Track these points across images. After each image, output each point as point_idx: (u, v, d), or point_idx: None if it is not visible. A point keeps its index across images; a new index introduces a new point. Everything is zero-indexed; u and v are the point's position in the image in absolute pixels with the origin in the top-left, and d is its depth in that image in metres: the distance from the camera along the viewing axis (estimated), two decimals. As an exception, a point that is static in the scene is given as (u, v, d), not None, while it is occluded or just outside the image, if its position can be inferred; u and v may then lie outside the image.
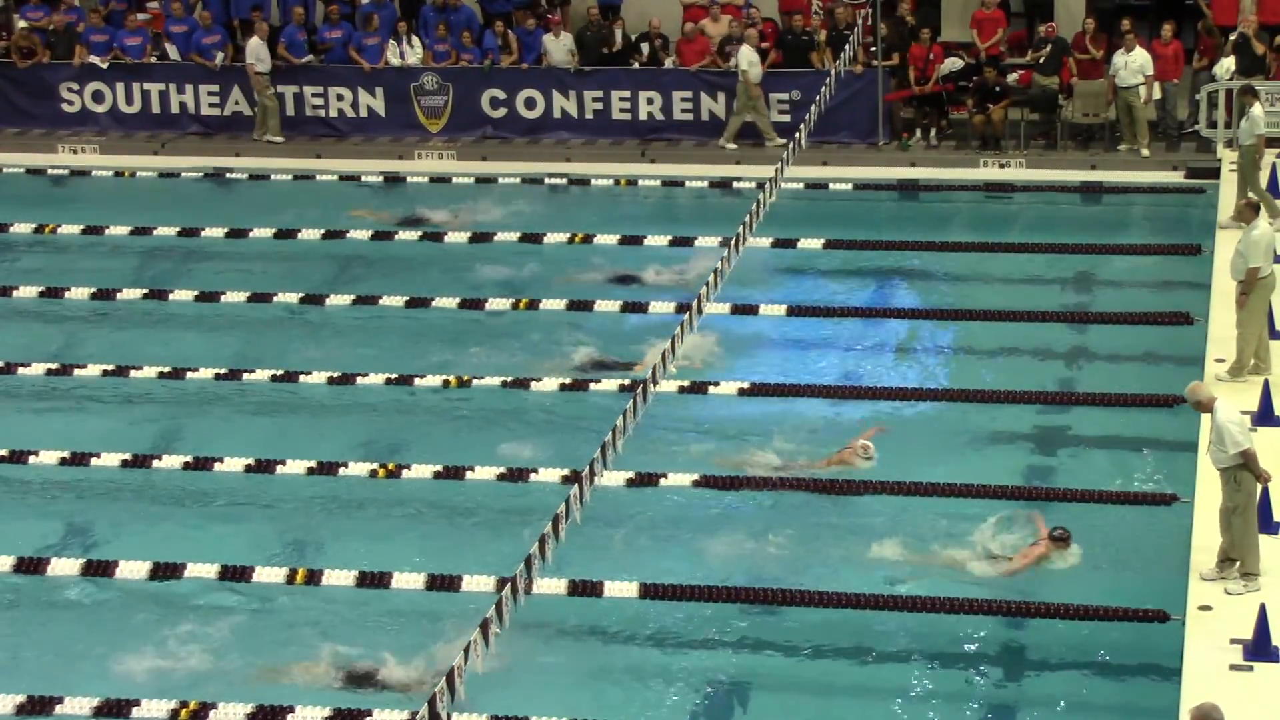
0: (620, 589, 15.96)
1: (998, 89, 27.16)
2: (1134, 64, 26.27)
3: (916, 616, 15.62)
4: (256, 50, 28.24)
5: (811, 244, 23.64)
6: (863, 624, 15.72)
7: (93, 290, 22.89)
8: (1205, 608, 14.87)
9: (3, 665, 15.48)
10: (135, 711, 14.41)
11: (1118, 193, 25.88)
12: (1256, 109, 23.23)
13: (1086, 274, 23.04)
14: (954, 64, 27.63)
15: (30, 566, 16.61)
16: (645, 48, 28.71)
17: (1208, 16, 27.29)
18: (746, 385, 19.84)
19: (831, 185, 26.24)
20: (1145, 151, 26.57)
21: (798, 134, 23.50)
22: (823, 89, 25.32)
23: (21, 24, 29.78)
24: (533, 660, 15.22)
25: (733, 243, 19.64)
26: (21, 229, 25.28)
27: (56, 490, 18.43)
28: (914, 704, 14.79)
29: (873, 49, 27.49)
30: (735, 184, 26.24)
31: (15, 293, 22.96)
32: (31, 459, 18.55)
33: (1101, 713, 14.61)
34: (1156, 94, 26.69)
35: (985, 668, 15.14)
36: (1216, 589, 15.05)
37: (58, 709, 14.47)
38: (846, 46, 26.94)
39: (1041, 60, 27.25)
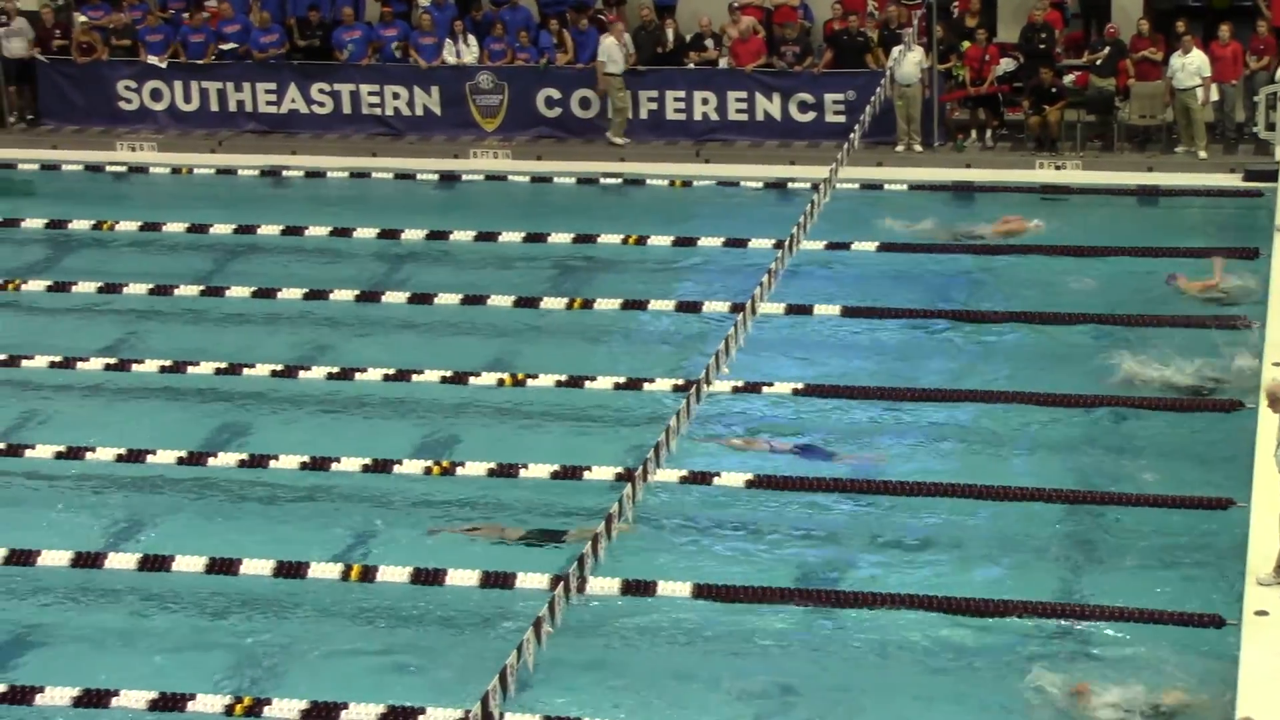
0: (673, 589, 15.97)
1: (1054, 90, 27.08)
2: (1191, 66, 26.15)
3: (974, 620, 15.58)
4: (609, 50, 28.05)
5: (865, 246, 23.61)
6: (917, 625, 15.70)
7: (150, 286, 23.03)
8: (1261, 613, 14.80)
9: (60, 659, 15.58)
10: (190, 706, 14.49)
11: (1174, 195, 25.74)
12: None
13: (1142, 277, 22.91)
14: (1009, 65, 27.55)
15: (87, 561, 16.72)
16: (710, 43, 28.68)
17: (1267, 18, 27.15)
18: (800, 386, 19.83)
19: (886, 186, 26.20)
20: (1203, 154, 26.44)
21: (852, 135, 23.47)
22: (877, 89, 25.29)
23: (81, 19, 29.97)
24: (585, 660, 15.25)
25: (787, 244, 19.63)
26: (80, 225, 25.45)
27: (113, 486, 18.54)
28: (972, 711, 14.74)
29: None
30: (789, 185, 26.25)
31: (74, 288, 23.12)
32: (89, 454, 18.68)
33: (1160, 718, 14.55)
34: (1214, 96, 26.56)
35: (1039, 671, 15.05)
36: (1273, 594, 14.97)
37: (113, 702, 14.57)
38: (899, 48, 26.91)
39: (1099, 62, 27.16)
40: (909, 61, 27.09)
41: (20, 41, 29.67)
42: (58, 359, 20.96)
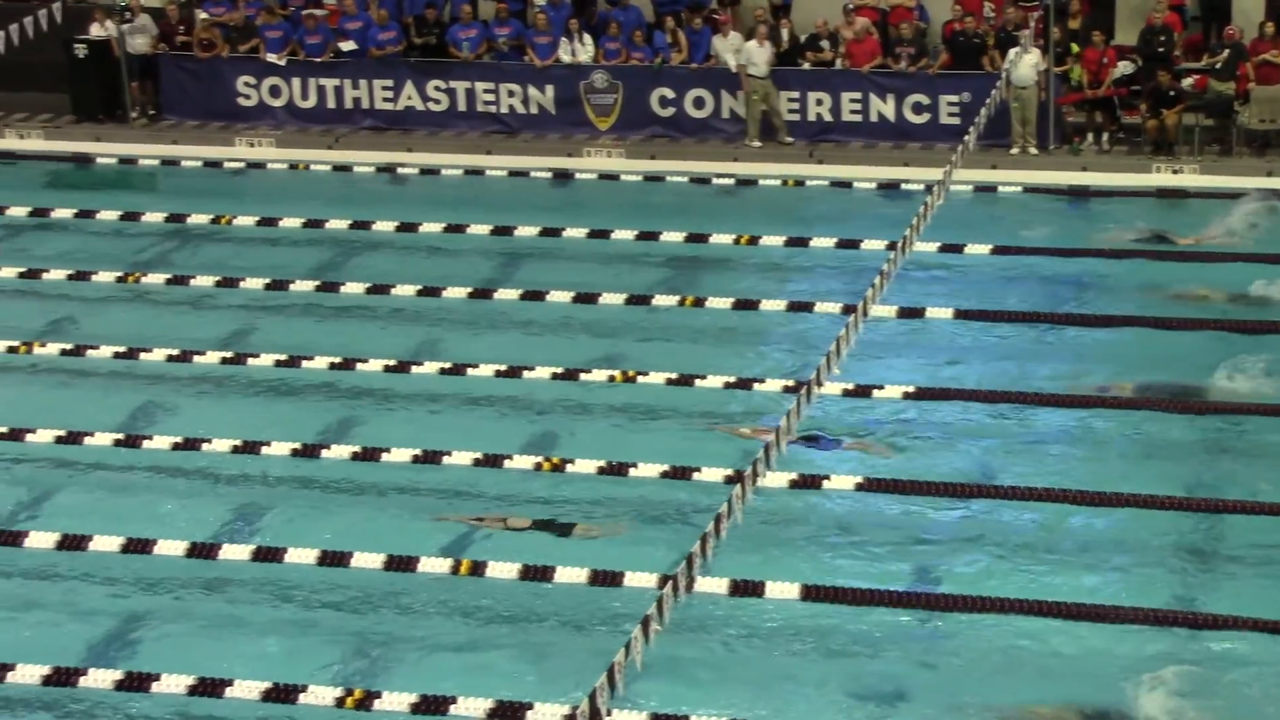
0: (781, 590, 15.98)
1: (1172, 93, 26.83)
2: (1313, 69, 25.88)
3: (1084, 626, 15.50)
4: (750, 53, 28.03)
5: (979, 249, 23.50)
6: (1026, 631, 15.62)
7: (266, 281, 23.29)
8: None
9: (173, 648, 15.78)
10: (301, 698, 14.65)
11: (1294, 200, 25.48)
12: None
13: (1259, 283, 22.67)
14: (1127, 68, 27.33)
15: (202, 551, 16.93)
16: (825, 44, 28.61)
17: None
18: (912, 389, 19.77)
19: (1000, 189, 26.06)
20: (1324, 159, 26.17)
21: (967, 137, 23.36)
22: (993, 91, 25.16)
23: (203, 16, 30.34)
24: (693, 658, 15.29)
25: (899, 245, 19.58)
26: (199, 219, 25.77)
27: (227, 477, 18.77)
28: None
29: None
30: (903, 186, 26.17)
31: (192, 282, 23.41)
32: (204, 446, 18.92)
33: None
34: (1337, 100, 26.27)
35: (1150, 678, 14.94)
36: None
37: (226, 692, 14.75)
38: (1015, 50, 26.76)
39: (1218, 65, 26.88)
40: (1025, 64, 26.94)
41: (144, 38, 30.07)
42: (175, 351, 21.24)
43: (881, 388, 19.75)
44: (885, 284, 18.93)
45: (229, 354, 21.29)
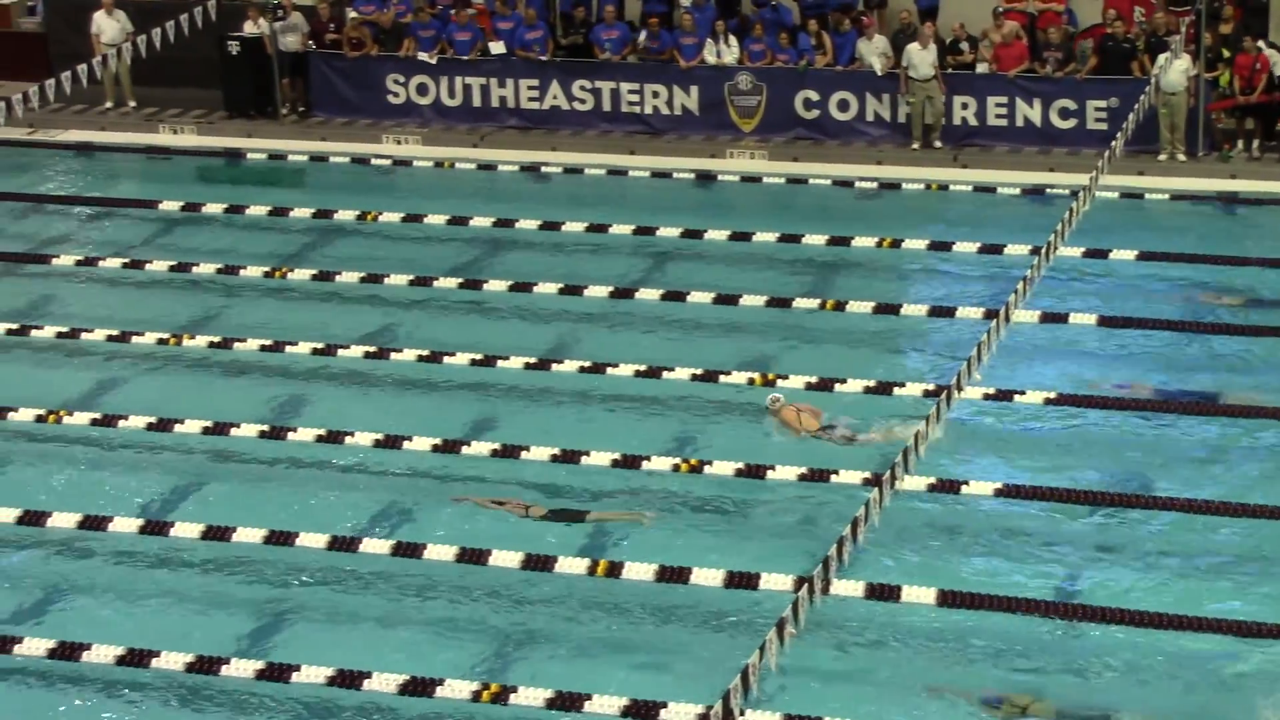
0: (917, 594, 15.93)
1: (1326, 101, 26.46)
2: None
3: (1230, 640, 15.34)
4: (911, 55, 28.00)
5: (1124, 254, 23.28)
6: (1167, 643, 15.47)
7: (410, 277, 23.51)
8: None
9: (314, 640, 16.00)
10: (439, 691, 14.79)
11: None
12: None
13: None
14: (1280, 72, 26.98)
15: (342, 545, 17.12)
16: (965, 47, 28.43)
17: None
18: (1053, 395, 19.63)
19: (1147, 195, 25.79)
20: None
21: (1114, 142, 23.14)
22: (1141, 97, 24.90)
23: (353, 15, 30.69)
24: (827, 661, 15.29)
25: (1043, 251, 19.45)
26: (345, 215, 26.04)
27: (370, 472, 18.98)
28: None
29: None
30: (1048, 191, 25.97)
31: (338, 277, 23.69)
32: (347, 439, 19.14)
33: None
34: None
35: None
36: None
37: (365, 685, 14.92)
38: (1165, 55, 26.46)
39: (1377, 71, 26.48)
40: (1175, 69, 26.63)
41: (295, 36, 30.48)
42: (320, 345, 21.48)
43: (1023, 393, 19.61)
44: (1029, 289, 18.81)
45: (372, 349, 21.53)
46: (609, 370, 20.63)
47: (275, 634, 16.19)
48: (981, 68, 28.31)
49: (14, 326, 22.35)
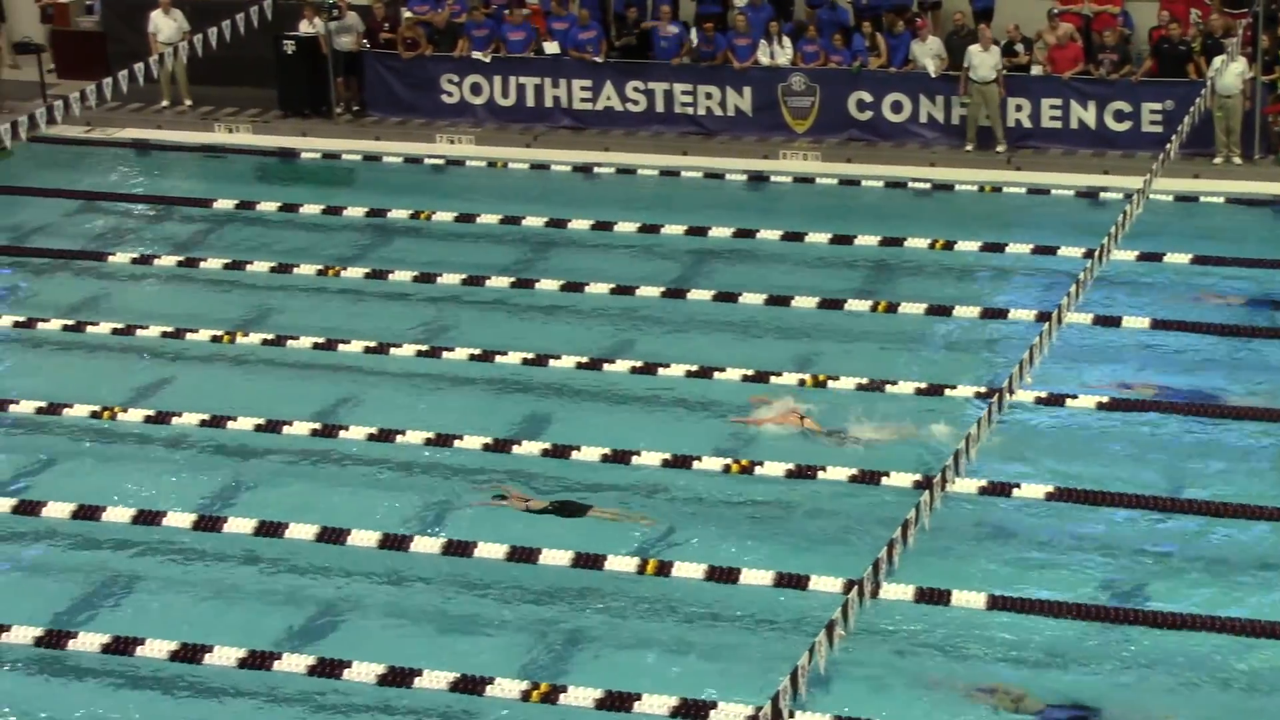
0: (968, 599, 15.90)
1: (1384, 104, 26.29)
2: None
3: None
4: (972, 56, 27.88)
5: (1178, 258, 23.17)
6: (1219, 649, 15.40)
7: (463, 276, 23.58)
8: None
9: (367, 639, 16.06)
10: (489, 690, 14.84)
11: None
12: None
13: None
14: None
15: (395, 543, 17.19)
16: (1020, 48, 28.33)
17: None
18: (1105, 400, 19.56)
19: (1202, 199, 25.67)
20: None
21: (1169, 145, 23.04)
22: (1197, 100, 24.78)
23: (408, 15, 30.79)
24: (875, 664, 15.27)
25: (1096, 253, 19.38)
26: (399, 214, 26.16)
27: (422, 470, 19.05)
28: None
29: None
30: (1101, 194, 25.88)
31: (391, 275, 23.78)
32: (399, 438, 19.21)
33: None
34: None
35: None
36: None
37: (416, 682, 14.98)
38: (1221, 58, 26.32)
39: None
40: (1231, 72, 26.51)
41: (350, 36, 30.60)
42: (373, 344, 21.58)
43: (1075, 396, 19.55)
44: (1081, 292, 18.75)
45: (424, 347, 21.60)
46: (660, 371, 20.65)
47: (327, 631, 16.26)
48: (1036, 70, 28.23)
49: (70, 323, 22.52)
